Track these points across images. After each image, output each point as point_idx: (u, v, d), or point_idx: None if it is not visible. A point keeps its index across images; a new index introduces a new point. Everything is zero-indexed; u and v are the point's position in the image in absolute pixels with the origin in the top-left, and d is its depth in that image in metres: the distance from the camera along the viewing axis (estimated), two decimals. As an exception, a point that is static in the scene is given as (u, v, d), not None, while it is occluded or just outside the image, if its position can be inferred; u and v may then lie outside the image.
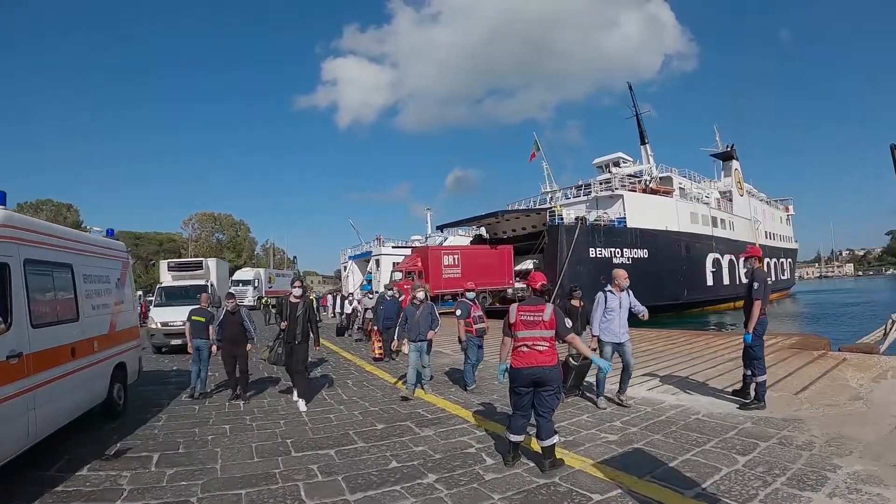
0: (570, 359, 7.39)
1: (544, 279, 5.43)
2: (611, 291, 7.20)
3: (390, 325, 11.77)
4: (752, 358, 6.65)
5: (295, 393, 8.38)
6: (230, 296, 9.17)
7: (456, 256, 31.08)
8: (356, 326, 19.20)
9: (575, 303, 8.36)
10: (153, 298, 18.17)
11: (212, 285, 17.92)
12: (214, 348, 8.92)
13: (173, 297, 16.42)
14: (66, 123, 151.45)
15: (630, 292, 7.33)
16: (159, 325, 15.03)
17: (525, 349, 4.89)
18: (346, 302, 21.32)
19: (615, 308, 7.12)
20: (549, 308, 4.97)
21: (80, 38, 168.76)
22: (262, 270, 50.54)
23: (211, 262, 21.60)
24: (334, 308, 25.40)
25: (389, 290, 15.48)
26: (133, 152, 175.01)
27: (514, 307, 5.14)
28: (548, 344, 4.87)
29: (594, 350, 6.95)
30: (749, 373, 6.86)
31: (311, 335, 8.28)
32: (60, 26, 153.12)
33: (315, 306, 10.85)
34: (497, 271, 31.76)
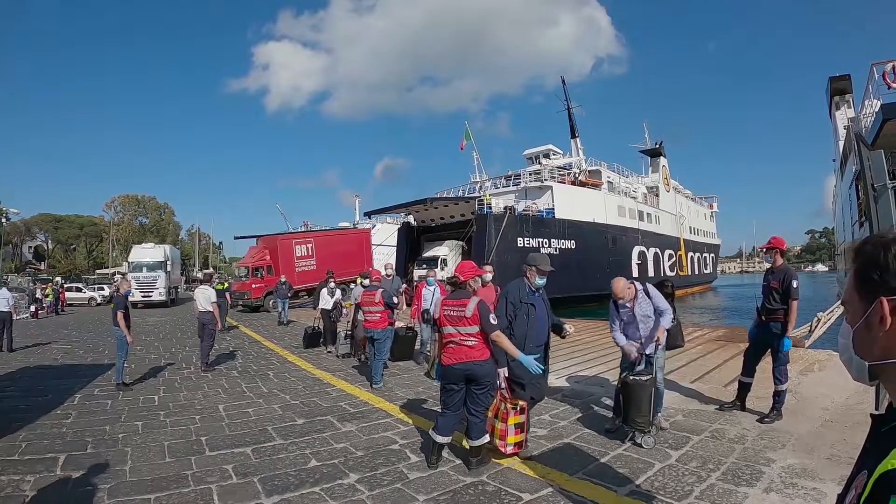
0: (634, 378, 5.05)
1: (475, 269, 5.08)
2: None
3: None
4: (782, 364, 5.68)
5: None
6: None
7: (310, 245, 29.00)
8: (343, 333, 11.65)
9: None
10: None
11: None
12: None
13: None
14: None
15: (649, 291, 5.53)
16: None
17: (453, 345, 4.67)
18: (326, 291, 12.67)
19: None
20: (472, 302, 4.66)
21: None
22: (168, 248, 36.31)
23: None
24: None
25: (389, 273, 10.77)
26: (54, 132, 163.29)
27: (439, 301, 4.96)
28: (477, 339, 4.62)
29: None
30: (781, 386, 5.66)
31: None
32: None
33: None
34: (356, 259, 29.88)
